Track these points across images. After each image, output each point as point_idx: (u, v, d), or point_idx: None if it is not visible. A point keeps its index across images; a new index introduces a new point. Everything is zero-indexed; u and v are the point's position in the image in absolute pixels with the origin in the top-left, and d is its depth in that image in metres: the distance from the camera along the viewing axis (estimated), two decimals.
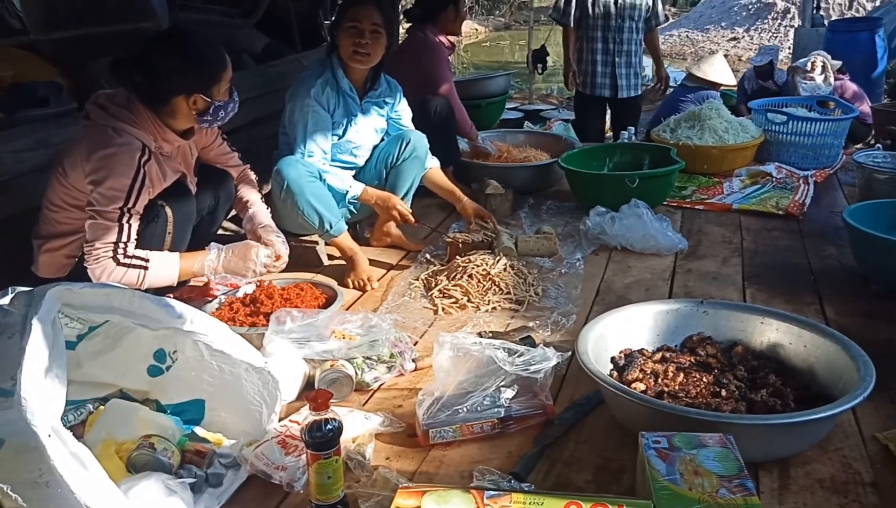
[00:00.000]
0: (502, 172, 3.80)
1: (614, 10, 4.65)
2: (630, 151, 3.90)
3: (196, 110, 2.18)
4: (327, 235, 2.80)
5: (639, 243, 3.04)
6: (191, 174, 2.41)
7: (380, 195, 2.91)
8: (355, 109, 2.92)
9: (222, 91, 2.20)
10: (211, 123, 2.25)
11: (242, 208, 2.58)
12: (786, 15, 16.37)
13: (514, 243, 2.99)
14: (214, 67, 2.17)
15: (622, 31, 4.69)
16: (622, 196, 3.32)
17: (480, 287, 2.63)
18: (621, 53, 4.74)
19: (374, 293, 2.74)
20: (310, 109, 2.76)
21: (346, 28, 2.73)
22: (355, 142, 2.98)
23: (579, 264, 2.91)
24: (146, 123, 2.17)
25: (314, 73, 2.83)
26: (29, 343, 1.20)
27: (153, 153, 2.16)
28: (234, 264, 2.24)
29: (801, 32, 9.60)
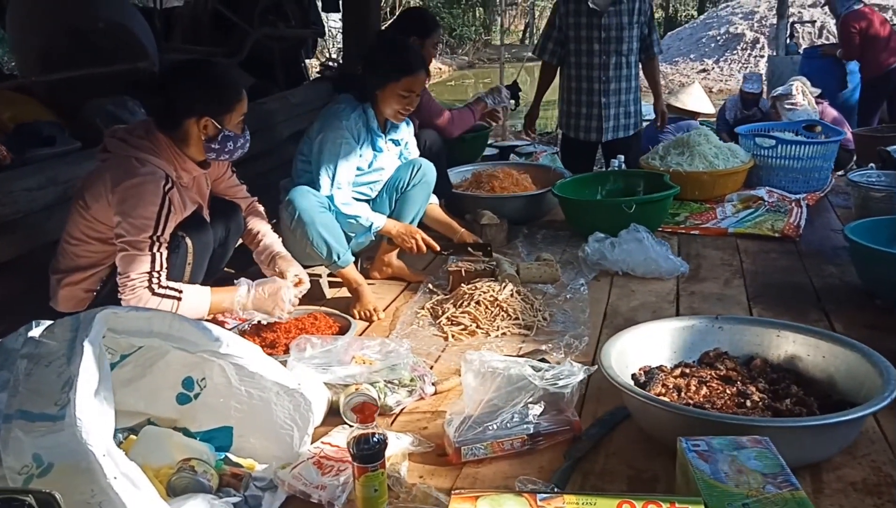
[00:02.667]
0: (495, 203, 3.84)
1: (598, 45, 4.23)
2: (622, 178, 3.96)
3: (205, 136, 2.19)
4: (335, 265, 2.80)
5: (640, 267, 3.08)
6: (205, 205, 2.42)
7: (400, 227, 2.93)
8: (380, 147, 2.96)
9: (234, 122, 2.22)
10: (218, 155, 2.25)
11: (253, 240, 2.57)
12: (755, 45, 16.75)
13: (515, 271, 3.01)
14: (228, 94, 2.20)
15: (608, 67, 4.26)
16: (619, 222, 3.36)
17: (488, 314, 2.64)
18: (608, 93, 4.32)
19: (382, 323, 2.74)
20: (343, 141, 2.79)
21: (397, 93, 2.79)
22: (375, 177, 3.02)
23: (583, 289, 2.93)
24: (166, 153, 2.19)
25: (347, 106, 2.86)
26: (81, 365, 1.19)
27: (175, 182, 2.17)
28: (264, 302, 2.24)
29: (775, 61, 9.84)
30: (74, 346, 1.34)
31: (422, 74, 2.84)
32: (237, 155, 2.30)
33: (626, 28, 4.26)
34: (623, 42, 4.28)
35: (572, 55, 4.37)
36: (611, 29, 4.24)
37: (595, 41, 4.28)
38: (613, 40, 4.26)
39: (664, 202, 3.55)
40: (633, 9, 4.26)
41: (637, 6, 4.28)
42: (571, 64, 4.39)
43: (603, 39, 4.26)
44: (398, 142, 3.08)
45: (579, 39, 4.32)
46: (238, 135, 2.26)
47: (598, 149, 4.72)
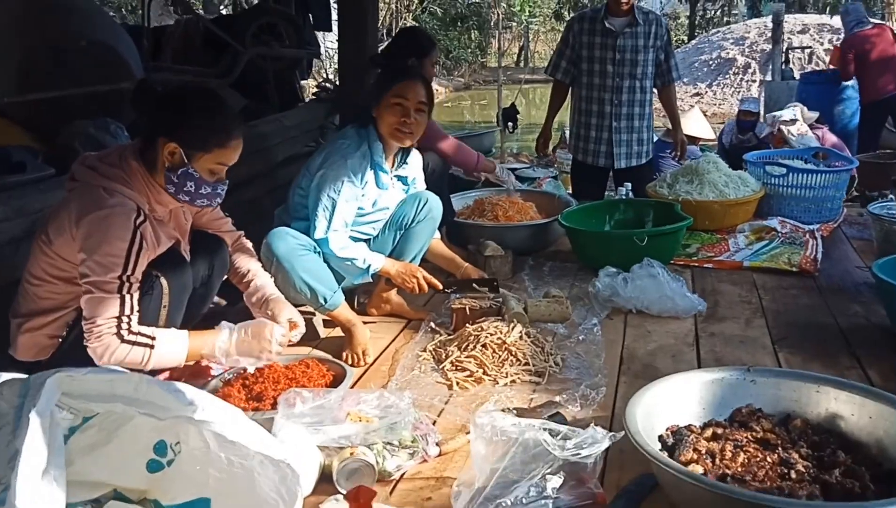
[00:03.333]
0: (499, 232, 3.64)
1: (612, 67, 4.10)
2: (631, 207, 3.78)
3: (169, 163, 1.97)
4: (323, 309, 2.61)
5: (655, 305, 2.88)
6: (185, 241, 2.21)
7: (399, 267, 2.74)
8: (385, 185, 2.77)
9: (206, 165, 1.98)
10: (176, 191, 2.00)
11: (241, 281, 2.37)
12: (746, 70, 16.81)
13: (523, 308, 2.82)
14: (213, 133, 1.97)
15: (621, 91, 4.14)
16: (629, 255, 3.18)
17: (496, 358, 2.44)
18: (620, 117, 4.18)
19: (380, 369, 2.53)
20: (345, 181, 2.60)
21: (390, 104, 2.61)
22: (379, 217, 2.83)
23: (596, 330, 2.73)
24: (139, 183, 1.98)
25: (353, 143, 2.68)
26: (25, 443, 1.00)
27: (148, 216, 1.96)
28: (248, 346, 2.03)
29: (771, 86, 9.78)
30: (21, 416, 1.15)
31: (416, 81, 2.65)
32: (198, 203, 2.05)
33: (642, 51, 4.13)
34: (638, 65, 4.14)
35: (584, 75, 4.23)
36: (626, 51, 4.11)
37: (609, 62, 4.14)
38: (628, 63, 4.13)
39: (677, 234, 3.36)
40: (649, 32, 4.14)
41: (654, 30, 4.16)
42: (583, 85, 4.25)
43: (617, 61, 4.12)
44: (405, 179, 2.90)
45: (592, 60, 4.17)
46: (204, 180, 2.00)
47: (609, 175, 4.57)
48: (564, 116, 5.25)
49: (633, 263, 3.13)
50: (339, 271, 2.70)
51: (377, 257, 2.71)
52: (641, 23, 4.13)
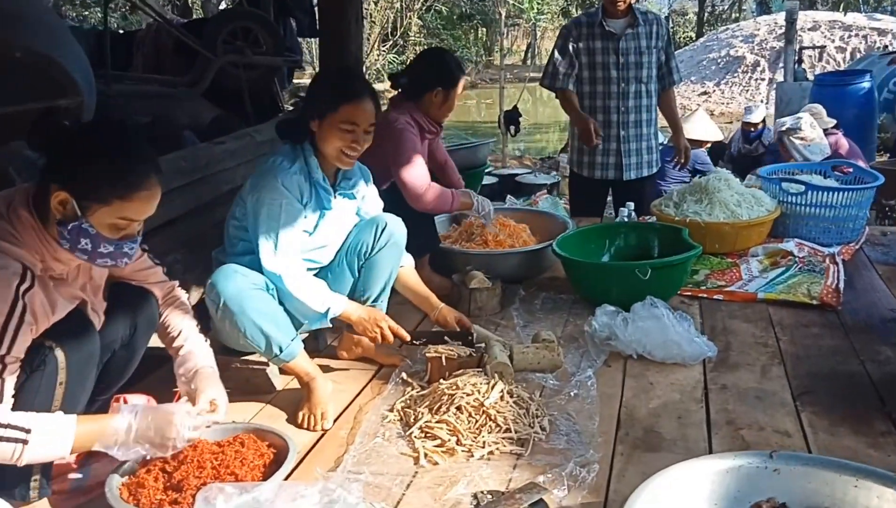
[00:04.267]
0: (487, 260, 3.29)
1: (616, 72, 3.82)
2: (634, 232, 3.43)
3: (60, 215, 1.62)
4: (277, 359, 2.27)
5: (659, 350, 2.53)
6: (98, 298, 1.87)
7: (362, 312, 2.39)
8: (328, 204, 2.42)
9: (105, 221, 1.63)
10: (71, 247, 1.65)
11: (171, 344, 2.01)
12: (755, 68, 16.47)
13: (508, 356, 2.47)
14: (112, 181, 1.61)
15: (627, 96, 3.86)
16: (631, 289, 2.83)
17: (472, 423, 2.09)
18: (628, 125, 3.90)
19: (338, 433, 2.19)
20: (282, 202, 2.26)
21: (339, 127, 2.28)
22: (324, 242, 2.48)
23: (591, 384, 2.38)
24: (31, 237, 1.63)
25: (285, 159, 2.33)
26: None
27: (38, 278, 1.62)
28: (151, 436, 1.67)
29: (783, 88, 9.41)
30: None
31: (369, 102, 2.31)
32: (98, 262, 1.70)
33: (646, 53, 3.86)
34: (643, 68, 3.87)
35: (586, 84, 3.92)
36: (629, 53, 3.83)
37: (612, 67, 3.85)
38: (633, 66, 3.85)
39: (684, 265, 3.00)
40: (650, 32, 3.88)
41: (654, 29, 3.90)
42: (585, 94, 3.94)
43: (621, 65, 3.84)
44: (352, 196, 2.55)
45: (594, 66, 3.87)
46: (103, 238, 1.64)
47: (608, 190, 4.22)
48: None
49: (636, 297, 2.79)
50: (294, 314, 2.37)
51: (338, 299, 2.37)
52: (642, 23, 3.87)
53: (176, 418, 1.68)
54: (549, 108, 17.88)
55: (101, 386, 1.95)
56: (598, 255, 3.35)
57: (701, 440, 2.06)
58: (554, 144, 12.33)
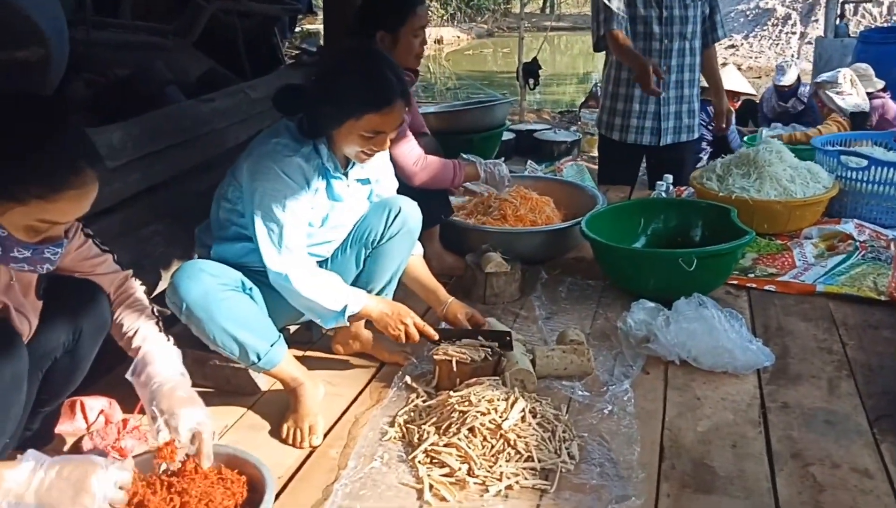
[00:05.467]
0: (506, 239, 2.92)
1: (659, 27, 3.41)
2: (674, 210, 3.03)
3: None
4: (256, 367, 1.93)
5: (706, 357, 2.17)
6: (30, 298, 1.51)
7: (384, 307, 2.05)
8: (339, 195, 2.06)
9: (21, 221, 1.28)
10: None
11: (128, 346, 1.65)
12: (786, 21, 15.79)
13: (531, 361, 2.12)
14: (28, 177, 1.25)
15: (670, 54, 3.46)
16: (672, 280, 2.48)
17: (487, 449, 1.75)
18: (668, 85, 3.48)
19: (328, 452, 1.85)
20: (286, 194, 1.91)
21: (361, 135, 1.92)
22: (332, 236, 2.14)
23: (628, 398, 2.02)
24: None
25: (288, 144, 1.95)
26: None
27: None
28: (58, 494, 1.26)
29: (823, 44, 8.84)
30: None
31: (396, 107, 1.92)
32: (14, 267, 1.36)
33: (691, 6, 3.43)
34: (688, 23, 3.44)
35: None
36: (673, 7, 3.40)
37: (654, 22, 3.42)
38: (677, 21, 3.43)
39: (734, 255, 2.61)
40: None
41: None
42: None
43: (664, 20, 3.42)
44: (366, 180, 2.18)
45: (634, 20, 3.43)
46: (17, 242, 1.31)
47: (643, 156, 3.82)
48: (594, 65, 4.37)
49: (676, 289, 2.43)
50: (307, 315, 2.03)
51: (355, 294, 2.01)
52: None
53: (96, 474, 1.28)
54: (568, 57, 17.29)
55: (44, 398, 1.62)
56: (632, 236, 2.96)
57: (763, 478, 1.71)
58: (571, 95, 11.81)
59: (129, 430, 1.83)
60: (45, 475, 1.26)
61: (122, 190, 2.58)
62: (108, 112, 2.93)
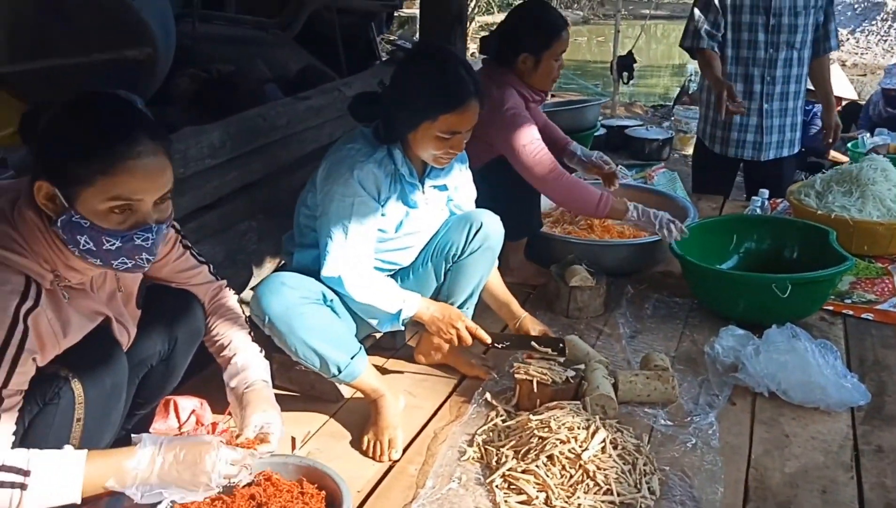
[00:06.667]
0: (592, 251, 2.89)
1: (765, 35, 3.27)
2: (769, 229, 2.92)
3: (50, 211, 1.33)
4: (336, 379, 1.98)
5: (797, 392, 2.09)
6: (130, 306, 1.59)
7: (435, 310, 2.06)
8: (415, 200, 2.09)
9: (96, 205, 1.30)
10: (80, 252, 1.35)
11: (219, 353, 1.73)
12: None
13: (612, 385, 2.10)
14: (86, 155, 1.28)
15: (774, 64, 3.32)
16: (763, 305, 2.42)
17: (565, 479, 1.74)
18: (772, 97, 3.36)
19: (407, 468, 1.88)
20: (354, 200, 1.94)
21: (436, 136, 1.93)
22: (408, 243, 2.15)
23: (712, 432, 1.97)
24: (38, 243, 1.34)
25: (363, 148, 1.99)
26: None
27: (48, 292, 1.35)
28: (178, 476, 1.36)
29: None
30: None
31: (471, 106, 1.93)
32: (115, 264, 1.37)
33: (802, 13, 3.26)
34: (797, 32, 3.29)
35: (728, 47, 3.37)
36: (782, 14, 3.25)
37: (760, 29, 3.29)
38: (785, 29, 3.28)
39: (831, 281, 2.51)
40: None
41: None
42: (725, 59, 3.38)
43: (771, 28, 3.27)
44: (443, 187, 2.19)
45: (739, 27, 3.31)
46: (101, 230, 1.31)
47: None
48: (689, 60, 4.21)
49: (768, 314, 2.38)
50: (361, 319, 2.07)
51: (410, 297, 2.04)
52: None
53: (209, 458, 1.37)
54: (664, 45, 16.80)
55: (139, 401, 1.70)
56: (723, 254, 2.87)
57: None
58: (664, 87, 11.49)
59: (218, 433, 1.91)
60: (163, 458, 1.35)
61: (220, 187, 2.67)
62: (210, 107, 3.04)
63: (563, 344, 2.15)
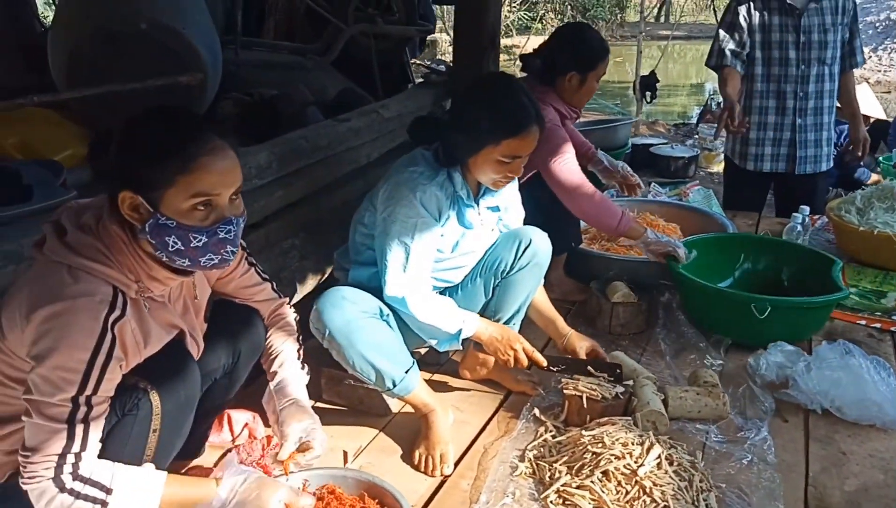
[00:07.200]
0: (631, 268, 2.88)
1: (795, 52, 3.29)
2: (776, 250, 2.91)
3: (136, 220, 1.37)
4: (390, 393, 2.00)
5: (852, 409, 2.07)
6: (199, 321, 1.63)
7: (494, 331, 2.08)
8: (470, 223, 2.12)
9: (180, 204, 1.36)
10: (168, 257, 1.40)
11: (269, 368, 1.77)
12: None
13: (662, 401, 2.09)
14: (163, 158, 1.34)
15: (807, 81, 3.33)
16: (745, 325, 2.43)
17: (621, 494, 1.73)
18: (805, 112, 3.37)
19: (459, 483, 1.88)
20: (417, 221, 1.98)
21: (497, 160, 1.97)
22: (462, 262, 2.18)
23: (767, 447, 1.95)
24: (123, 255, 1.39)
25: (424, 172, 2.03)
26: None
27: (132, 302, 1.39)
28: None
29: None
30: None
31: (533, 131, 1.96)
32: (203, 262, 1.42)
33: (831, 30, 3.29)
34: (827, 48, 3.31)
35: (759, 65, 3.37)
36: (812, 31, 3.27)
37: (791, 47, 3.30)
38: (815, 46, 3.30)
39: (818, 312, 2.48)
40: (836, 6, 3.32)
41: (841, 3, 3.32)
42: (757, 77, 3.39)
43: (802, 45, 3.29)
44: (496, 208, 2.22)
45: (769, 45, 3.33)
46: (187, 227, 1.37)
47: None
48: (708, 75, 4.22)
49: (751, 334, 2.44)
50: (416, 337, 2.09)
51: (469, 318, 2.05)
52: None
53: (267, 493, 1.42)
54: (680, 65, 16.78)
55: (199, 414, 1.73)
56: (728, 271, 2.87)
57: None
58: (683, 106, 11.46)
59: (272, 447, 1.93)
60: (234, 494, 1.40)
61: (266, 207, 2.72)
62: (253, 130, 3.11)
63: (619, 370, 2.15)
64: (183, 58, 2.79)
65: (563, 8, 20.00)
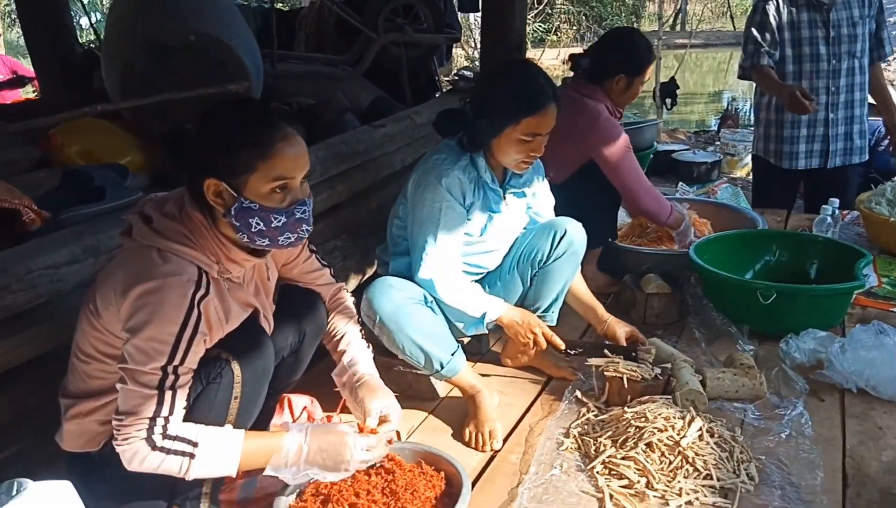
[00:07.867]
0: (662, 261, 2.95)
1: (826, 47, 3.33)
2: (803, 244, 2.96)
3: (221, 207, 1.51)
4: (438, 375, 2.11)
5: (888, 387, 2.13)
6: (269, 302, 1.76)
7: (515, 315, 2.17)
8: (497, 205, 2.22)
9: (261, 187, 1.49)
10: (249, 238, 1.54)
11: (335, 349, 1.90)
12: None
13: (700, 382, 2.16)
14: (244, 145, 1.47)
15: (838, 74, 3.37)
16: (751, 312, 2.50)
17: (665, 465, 1.82)
18: (838, 107, 3.41)
19: (508, 458, 1.97)
20: (443, 206, 2.09)
21: (518, 139, 2.08)
22: (492, 246, 2.27)
23: (805, 421, 2.03)
24: (206, 240, 1.53)
25: (449, 157, 2.14)
26: None
27: (214, 282, 1.52)
28: (322, 461, 1.55)
29: None
30: None
31: (551, 109, 2.07)
32: (281, 241, 1.56)
33: (859, 23, 3.35)
34: (857, 41, 3.37)
35: (789, 63, 3.43)
36: (841, 25, 3.34)
37: (821, 42, 3.36)
38: (845, 40, 3.36)
39: (833, 300, 2.51)
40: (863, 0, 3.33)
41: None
42: (788, 74, 3.44)
43: (831, 39, 3.35)
44: (522, 194, 2.32)
45: (799, 41, 3.39)
46: (269, 209, 1.50)
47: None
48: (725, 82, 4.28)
49: (761, 321, 2.50)
50: (450, 319, 2.20)
51: (493, 303, 2.16)
52: None
53: (348, 439, 1.57)
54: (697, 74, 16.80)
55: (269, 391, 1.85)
56: (751, 264, 2.92)
57: None
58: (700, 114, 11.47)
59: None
60: (308, 447, 1.54)
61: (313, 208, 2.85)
62: None
63: (635, 353, 2.24)
64: (229, 68, 2.93)
65: (579, 18, 20.13)
